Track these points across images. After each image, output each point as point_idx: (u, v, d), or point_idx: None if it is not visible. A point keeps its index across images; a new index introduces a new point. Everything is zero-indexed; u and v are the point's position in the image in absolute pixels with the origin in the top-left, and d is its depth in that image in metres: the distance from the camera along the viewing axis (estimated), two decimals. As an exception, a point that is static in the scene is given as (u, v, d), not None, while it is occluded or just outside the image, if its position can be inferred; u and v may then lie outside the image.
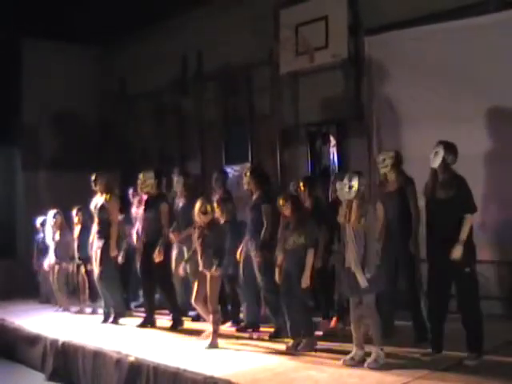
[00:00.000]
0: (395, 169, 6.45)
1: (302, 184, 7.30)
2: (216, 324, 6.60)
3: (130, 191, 9.14)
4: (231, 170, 10.34)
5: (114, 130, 13.41)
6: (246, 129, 10.92)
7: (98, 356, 6.77)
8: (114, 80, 13.46)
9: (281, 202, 6.25)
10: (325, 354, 6.02)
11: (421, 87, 8.24)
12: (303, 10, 9.67)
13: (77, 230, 9.11)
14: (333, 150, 9.44)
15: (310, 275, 6.18)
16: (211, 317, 6.62)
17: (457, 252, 5.36)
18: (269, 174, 7.82)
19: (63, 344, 7.35)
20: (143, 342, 7.00)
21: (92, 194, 8.39)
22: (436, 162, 5.58)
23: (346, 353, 5.73)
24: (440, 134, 7.21)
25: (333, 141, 9.48)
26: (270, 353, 6.28)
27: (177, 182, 8.39)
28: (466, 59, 7.85)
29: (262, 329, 7.24)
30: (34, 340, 7.97)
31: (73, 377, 7.08)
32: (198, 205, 6.68)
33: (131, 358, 6.29)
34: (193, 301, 6.87)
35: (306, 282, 6.10)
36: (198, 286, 6.78)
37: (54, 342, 7.51)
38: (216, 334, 6.60)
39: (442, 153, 5.55)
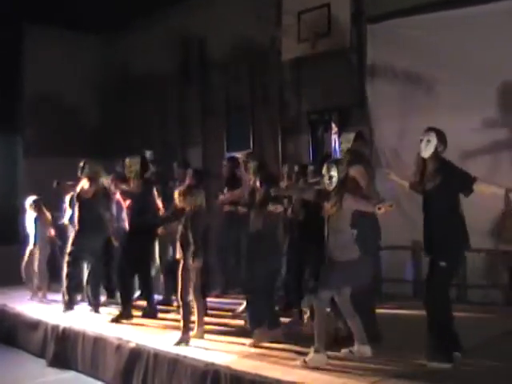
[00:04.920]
0: (350, 153, 5.93)
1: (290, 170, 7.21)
2: (185, 319, 6.21)
3: (111, 177, 8.34)
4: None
5: (115, 117, 13.39)
6: (247, 116, 10.91)
7: (98, 342, 6.79)
8: (116, 67, 13.43)
9: None
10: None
11: (423, 76, 8.22)
12: (306, -3, 9.65)
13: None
14: (334, 138, 9.41)
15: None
16: (180, 310, 6.28)
17: None
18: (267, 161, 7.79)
19: (64, 330, 7.37)
20: (143, 329, 7.02)
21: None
22: (428, 152, 5.16)
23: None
24: (441, 122, 7.21)
25: (334, 128, 9.46)
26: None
27: (177, 173, 8.38)
28: (469, 47, 7.81)
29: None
30: (34, 326, 7.99)
31: (73, 362, 7.11)
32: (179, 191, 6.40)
33: (132, 344, 6.31)
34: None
35: None
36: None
37: (54, 328, 7.53)
38: (186, 328, 6.19)
39: (434, 141, 5.14)
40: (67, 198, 9.08)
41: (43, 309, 8.53)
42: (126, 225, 7.96)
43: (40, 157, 12.55)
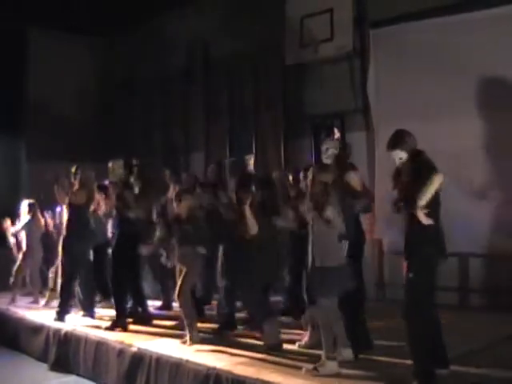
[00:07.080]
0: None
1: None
2: (188, 318, 6.24)
3: (107, 182, 8.43)
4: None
5: (118, 121, 13.40)
6: (250, 120, 10.91)
7: (100, 346, 6.79)
8: (119, 70, 13.44)
9: None
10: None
11: (426, 80, 8.21)
12: (308, 2, 9.69)
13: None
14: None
15: None
16: (184, 321, 6.29)
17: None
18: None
19: (66, 334, 7.37)
20: (145, 334, 7.02)
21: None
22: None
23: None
24: (445, 127, 7.26)
25: (337, 133, 9.44)
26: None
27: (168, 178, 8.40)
28: (473, 52, 7.81)
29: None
30: (37, 330, 7.99)
31: (75, 366, 7.10)
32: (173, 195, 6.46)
33: (134, 349, 6.31)
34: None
35: None
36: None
37: (57, 332, 7.53)
38: (192, 327, 6.21)
39: (403, 155, 4.96)
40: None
41: (45, 313, 8.52)
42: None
43: (43, 161, 12.55)
